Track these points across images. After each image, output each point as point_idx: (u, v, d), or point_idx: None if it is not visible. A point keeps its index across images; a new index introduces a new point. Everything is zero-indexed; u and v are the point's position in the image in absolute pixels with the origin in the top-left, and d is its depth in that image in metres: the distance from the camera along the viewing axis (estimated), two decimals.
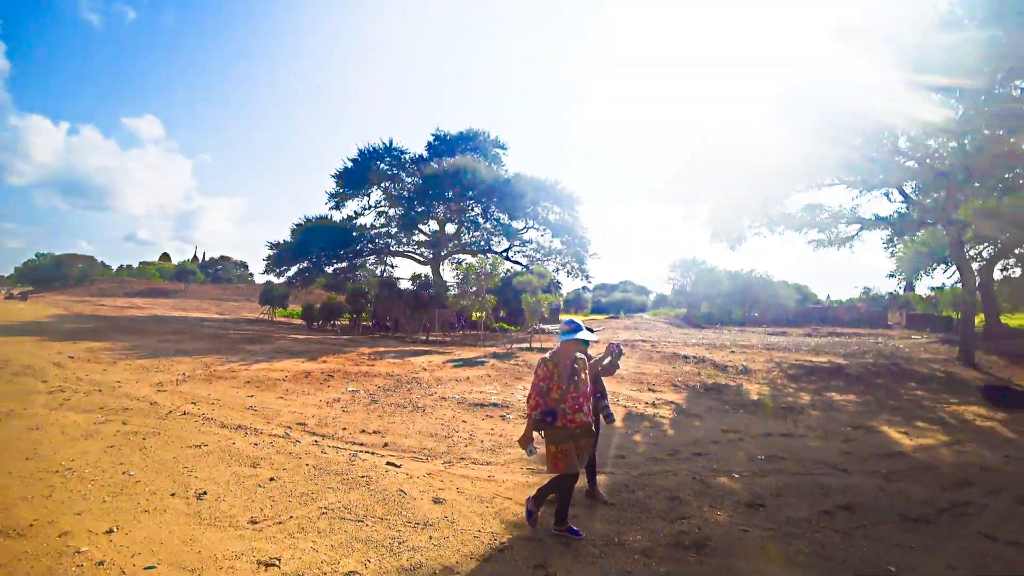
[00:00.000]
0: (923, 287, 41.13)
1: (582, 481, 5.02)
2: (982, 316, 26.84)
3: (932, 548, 4.56)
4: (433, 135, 36.10)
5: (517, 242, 35.38)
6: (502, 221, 34.65)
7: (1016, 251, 26.10)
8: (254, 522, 4.50)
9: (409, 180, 34.65)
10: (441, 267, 34.89)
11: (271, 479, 5.52)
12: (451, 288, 29.37)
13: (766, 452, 7.43)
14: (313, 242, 33.09)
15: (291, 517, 4.63)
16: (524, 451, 4.34)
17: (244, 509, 4.75)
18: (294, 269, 34.43)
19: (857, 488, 6.00)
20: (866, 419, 9.85)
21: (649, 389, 11.99)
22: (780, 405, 10.75)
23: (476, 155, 35.23)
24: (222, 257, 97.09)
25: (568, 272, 35.10)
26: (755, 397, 11.45)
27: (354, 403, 9.77)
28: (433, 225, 36.15)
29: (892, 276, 30.75)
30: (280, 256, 34.14)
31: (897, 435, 8.74)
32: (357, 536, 4.32)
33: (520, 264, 34.98)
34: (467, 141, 35.94)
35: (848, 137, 16.44)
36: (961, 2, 14.87)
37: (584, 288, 54.68)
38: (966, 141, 16.30)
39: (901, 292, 42.76)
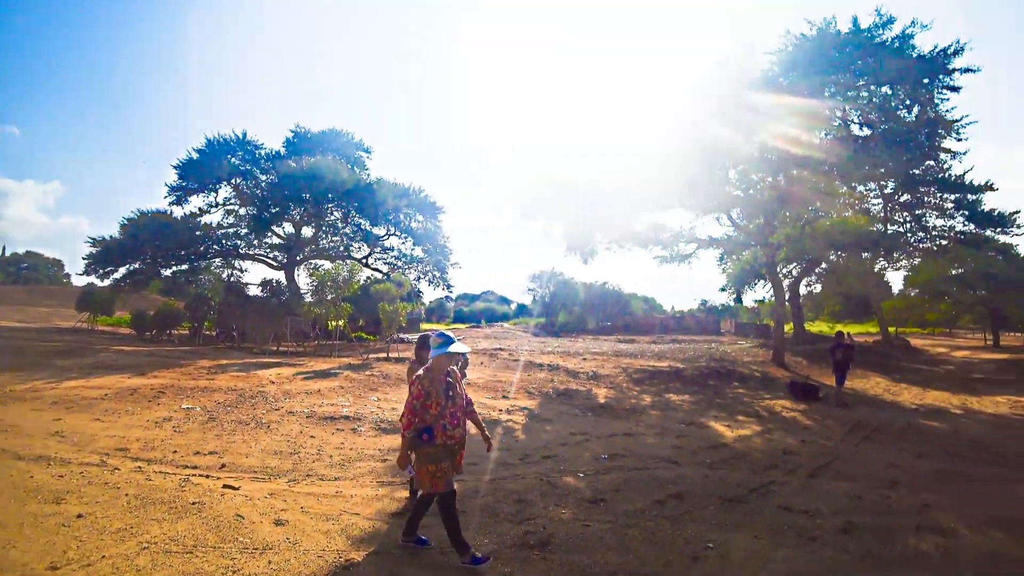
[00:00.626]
0: (749, 300, 46.82)
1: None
2: (792, 324, 31.28)
3: (743, 524, 5.20)
4: (292, 131, 33.72)
5: (378, 249, 34.41)
6: (363, 227, 33.45)
7: (816, 270, 30.87)
8: (54, 568, 3.84)
9: (264, 178, 32.06)
10: (296, 273, 32.84)
11: (79, 515, 4.75)
12: (306, 295, 27.84)
13: (610, 451, 7.96)
14: (148, 240, 29.11)
15: (103, 557, 4.01)
16: (402, 471, 4.19)
17: (41, 554, 4.03)
18: (123, 270, 30.07)
19: (686, 478, 6.64)
20: (697, 416, 10.99)
21: (504, 396, 12.31)
22: (625, 407, 11.61)
23: (338, 156, 33.69)
24: (29, 253, 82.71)
25: (430, 281, 34.80)
26: (603, 400, 12.24)
27: (188, 422, 8.83)
28: (288, 227, 33.85)
29: (723, 290, 34.76)
30: (106, 254, 29.71)
31: (721, 428, 9.86)
32: (184, 570, 3.86)
33: (380, 272, 34.18)
34: (329, 141, 34.18)
35: (689, 166, 18.41)
36: (780, 62, 17.53)
37: (447, 297, 54.81)
38: (780, 178, 19.13)
39: (732, 304, 48.29)
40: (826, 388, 14.24)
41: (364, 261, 33.76)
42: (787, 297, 29.39)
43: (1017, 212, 22.78)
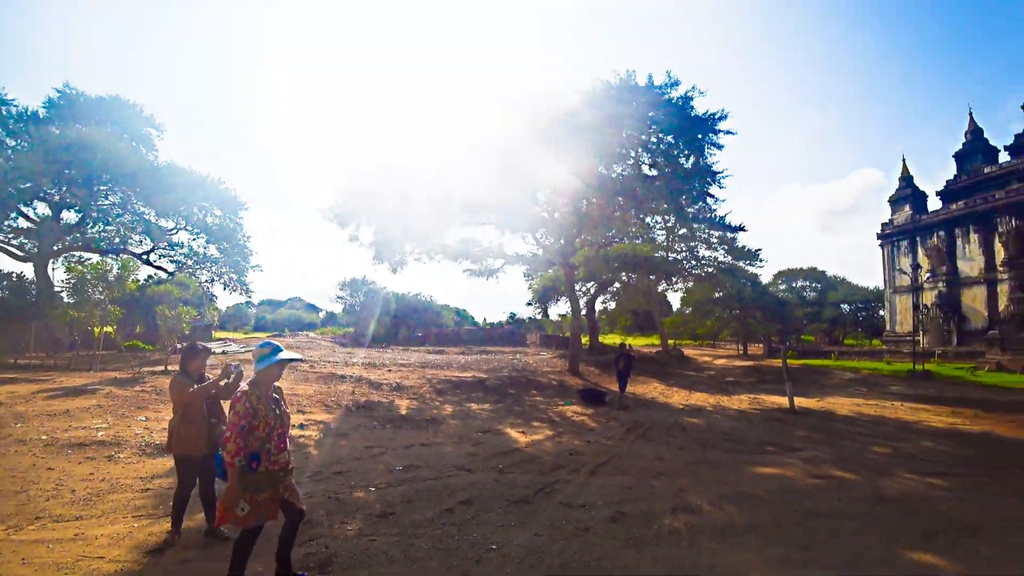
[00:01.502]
0: (554, 313, 50.36)
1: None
2: (589, 337, 34.39)
3: (525, 522, 5.37)
4: (59, 91, 27.19)
5: (163, 244, 29.85)
6: (146, 216, 28.69)
7: (610, 289, 34.43)
8: None
9: (12, 142, 25.52)
10: (51, 266, 26.82)
11: None
12: (62, 294, 23.05)
13: (405, 463, 7.75)
14: None
15: None
16: (235, 511, 3.40)
17: None
18: None
19: (477, 484, 6.71)
20: (495, 424, 11.31)
21: (299, 411, 11.45)
22: (426, 418, 11.50)
23: (119, 130, 28.24)
24: None
25: (225, 284, 31.19)
26: (404, 412, 12.01)
27: None
28: (43, 209, 27.56)
29: (530, 304, 36.95)
30: None
31: (516, 434, 10.25)
32: None
33: (165, 271, 29.81)
34: (109, 110, 28.19)
35: (500, 186, 19.24)
36: (588, 101, 19.26)
37: (248, 303, 49.91)
38: (582, 204, 20.95)
39: (538, 317, 51.49)
40: (612, 393, 15.73)
41: (145, 257, 29.06)
42: (584, 312, 32.23)
43: (760, 249, 28.42)
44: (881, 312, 43.61)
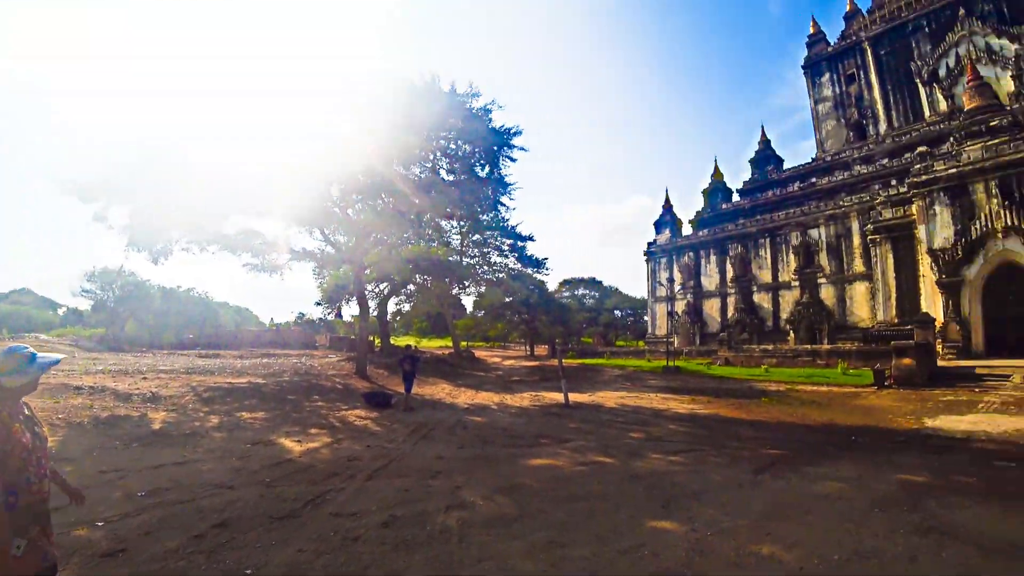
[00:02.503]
0: (348, 314, 48.33)
1: None
2: (379, 338, 33.73)
3: (289, 539, 4.97)
4: None
5: None
6: None
7: (404, 290, 34.22)
8: None
9: None
10: None
11: None
12: None
13: (150, 486, 6.66)
14: None
15: None
16: (11, 552, 2.53)
17: None
18: None
19: (238, 502, 6.04)
20: (268, 434, 10.38)
21: None
22: (184, 432, 10.07)
23: None
24: None
25: None
26: (158, 427, 10.34)
27: None
28: None
29: (319, 304, 34.91)
30: None
31: (291, 444, 9.53)
32: None
33: None
34: None
35: (290, 175, 17.73)
36: (393, 100, 18.81)
37: None
38: (377, 202, 20.44)
39: (329, 317, 48.98)
40: (398, 396, 15.60)
41: None
42: (376, 313, 31.50)
43: (547, 259, 30.95)
44: (645, 318, 51.01)
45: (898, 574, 4.32)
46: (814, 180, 41.41)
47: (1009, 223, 23.95)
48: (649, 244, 49.09)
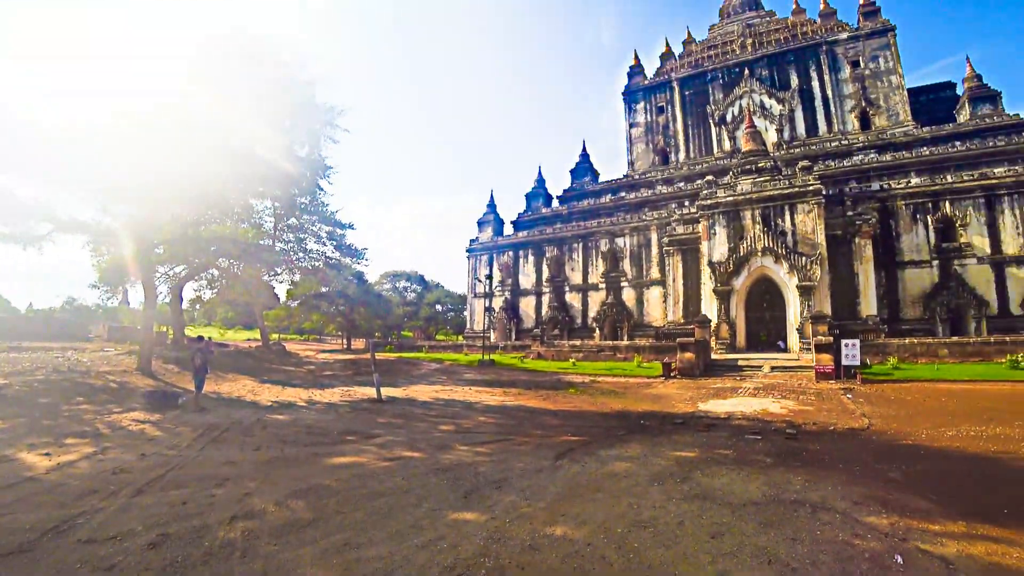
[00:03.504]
0: (136, 300, 41.70)
1: None
2: (172, 329, 29.63)
3: None
4: None
5: None
6: None
7: (204, 275, 30.45)
8: None
9: None
10: None
11: None
12: None
13: None
14: None
15: None
16: None
17: None
18: None
19: None
20: (4, 447, 8.41)
21: None
22: None
23: None
24: None
25: None
26: None
27: None
28: None
29: (95, 287, 29.58)
30: None
31: (35, 458, 7.83)
32: None
33: None
34: None
35: (57, 123, 14.59)
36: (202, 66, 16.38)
37: None
38: (176, 172, 17.76)
39: (114, 303, 41.88)
40: (188, 394, 13.82)
41: None
42: (168, 299, 27.67)
43: (366, 249, 29.79)
44: (466, 313, 51.96)
45: (668, 538, 4.87)
46: (623, 194, 46.00)
47: (766, 244, 29.06)
48: (471, 241, 50.23)
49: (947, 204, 31.70)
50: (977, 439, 9.48)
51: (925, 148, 36.69)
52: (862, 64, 42.15)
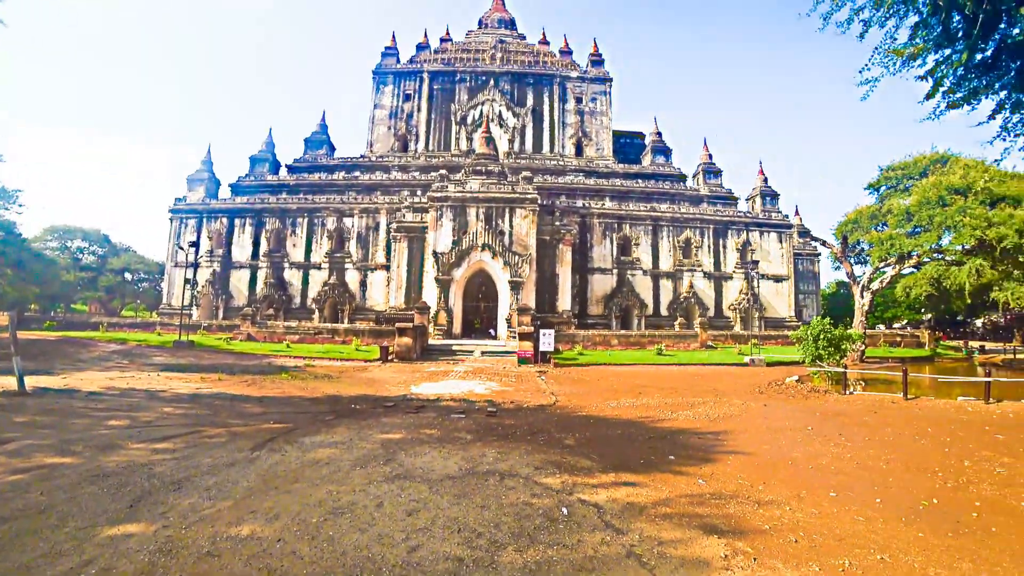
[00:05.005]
0: None
1: None
2: None
3: None
4: None
5: None
6: None
7: None
8: None
9: None
10: None
11: None
12: None
13: None
14: None
15: None
16: None
17: None
18: None
19: None
20: None
21: None
22: None
23: None
24: None
25: None
26: None
27: None
28: None
29: None
30: None
31: None
32: None
33: None
34: None
35: None
36: None
37: None
38: None
39: None
40: None
41: None
42: None
43: (21, 191, 22.34)
44: (163, 285, 43.55)
45: (365, 521, 4.73)
46: (358, 174, 44.72)
47: (487, 241, 31.60)
48: (177, 200, 42.67)
49: (627, 226, 39.65)
50: (630, 408, 11.81)
51: (618, 180, 44.99)
52: (584, 101, 49.32)
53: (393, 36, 52.88)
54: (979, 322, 57.31)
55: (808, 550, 4.46)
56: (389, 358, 22.52)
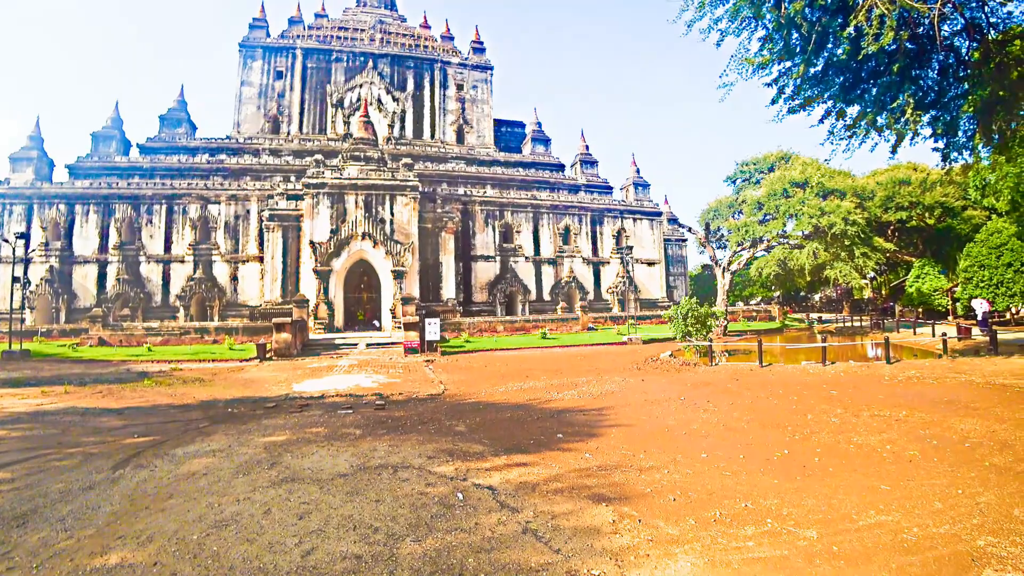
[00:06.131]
0: None
1: None
2: None
3: None
4: None
5: None
6: None
7: None
8: None
9: None
10: None
11: None
12: None
13: None
14: None
15: None
16: None
17: None
18: None
19: None
20: None
21: None
22: None
23: None
24: None
25: None
26: None
27: None
28: None
29: None
30: None
31: None
32: None
33: None
34: None
35: None
36: None
37: None
38: None
39: None
40: None
41: None
42: None
43: None
44: None
45: (253, 531, 4.50)
46: (223, 157, 41.09)
47: (367, 230, 30.59)
48: None
49: (509, 214, 40.24)
50: (518, 392, 12.18)
51: (500, 168, 45.48)
52: (465, 88, 49.02)
53: (263, 7, 48.84)
54: (817, 296, 66.02)
55: (684, 506, 4.97)
56: (267, 356, 21.20)
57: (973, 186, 30.58)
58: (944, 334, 18.81)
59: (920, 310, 37.22)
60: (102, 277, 35.26)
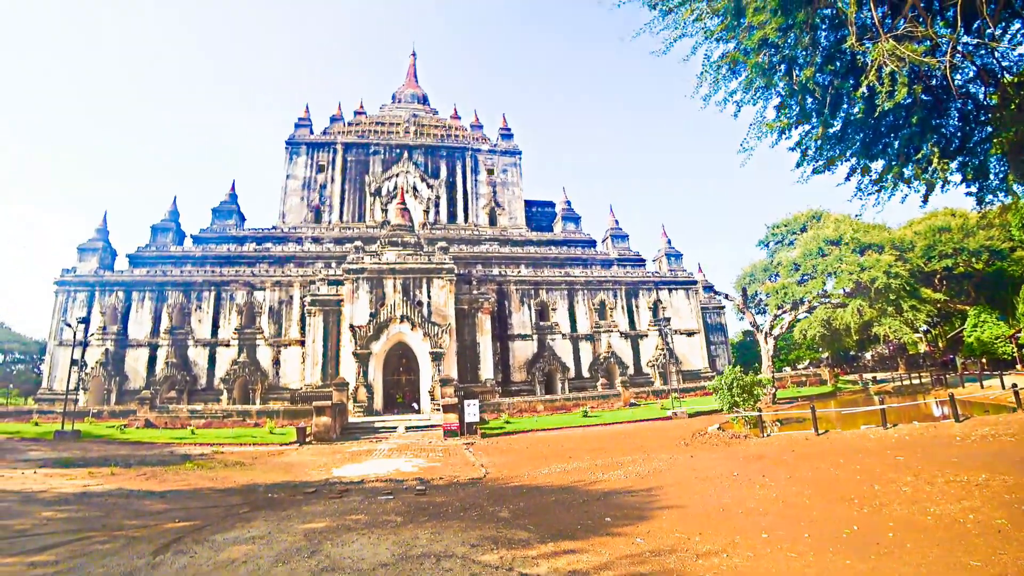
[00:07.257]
0: None
1: None
2: None
3: None
4: None
5: None
6: None
7: None
8: None
9: None
10: None
11: None
12: None
13: None
14: None
15: None
16: None
17: None
18: None
19: None
20: None
21: None
22: None
23: None
24: None
25: None
26: None
27: None
28: None
29: None
30: None
31: None
32: None
33: None
34: None
35: None
36: None
37: None
38: None
39: None
40: None
41: None
42: None
43: None
44: (44, 367, 38.62)
45: None
46: (269, 246, 43.31)
47: (405, 312, 31.19)
48: (65, 272, 38.82)
49: (544, 292, 40.53)
50: (562, 474, 11.72)
51: (532, 247, 46.41)
52: (495, 172, 51.28)
53: (307, 108, 53.15)
54: (868, 355, 63.01)
55: None
56: (307, 440, 21.17)
57: (1016, 226, 29.59)
58: (1015, 385, 17.51)
59: (984, 360, 35.02)
60: (152, 360, 36.48)
